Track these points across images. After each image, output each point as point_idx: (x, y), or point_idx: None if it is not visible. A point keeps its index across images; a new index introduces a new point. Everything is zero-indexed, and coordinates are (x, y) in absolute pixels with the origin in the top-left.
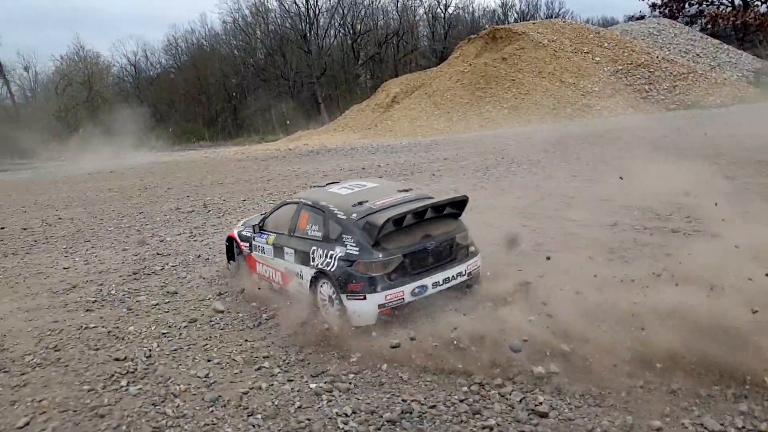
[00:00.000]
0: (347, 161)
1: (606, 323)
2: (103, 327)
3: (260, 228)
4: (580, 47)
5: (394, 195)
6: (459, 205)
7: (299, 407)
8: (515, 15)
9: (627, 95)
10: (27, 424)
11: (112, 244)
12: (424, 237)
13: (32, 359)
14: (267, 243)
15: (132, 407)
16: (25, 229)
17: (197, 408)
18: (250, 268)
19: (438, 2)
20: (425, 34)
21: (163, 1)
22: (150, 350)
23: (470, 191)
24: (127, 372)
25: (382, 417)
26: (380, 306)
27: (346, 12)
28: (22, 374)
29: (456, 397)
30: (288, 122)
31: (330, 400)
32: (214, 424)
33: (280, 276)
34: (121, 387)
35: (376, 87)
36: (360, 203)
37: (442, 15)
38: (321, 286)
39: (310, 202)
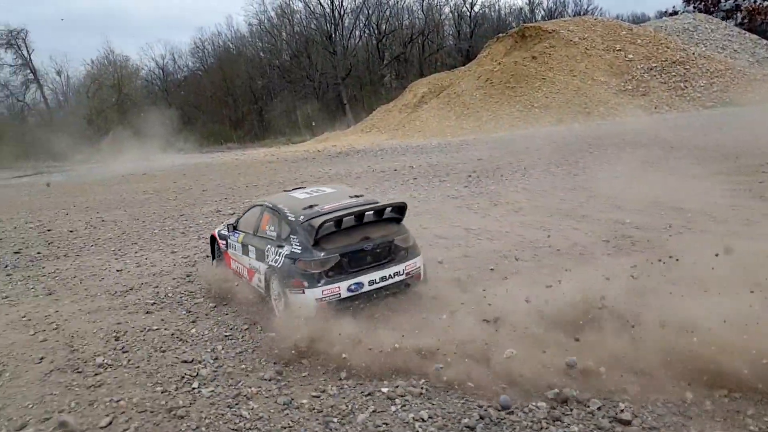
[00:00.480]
0: (377, 162)
1: (679, 331)
2: (165, 329)
3: (234, 227)
4: (612, 45)
5: (344, 200)
6: (399, 210)
7: (374, 411)
8: (542, 12)
9: (662, 93)
10: (110, 423)
11: (159, 247)
12: (362, 239)
13: (103, 360)
14: (238, 241)
15: (208, 409)
16: (71, 231)
17: (272, 411)
18: (227, 264)
19: (464, 1)
20: (451, 33)
21: (190, 4)
22: (215, 352)
23: (512, 193)
24: (197, 374)
25: (460, 423)
26: (318, 300)
27: (370, 12)
28: (96, 375)
29: (533, 403)
30: (313, 123)
31: (404, 405)
32: (290, 426)
33: (246, 271)
34: (194, 389)
35: (402, 87)
36: (310, 207)
37: (468, 13)
38: (272, 281)
39: (270, 205)
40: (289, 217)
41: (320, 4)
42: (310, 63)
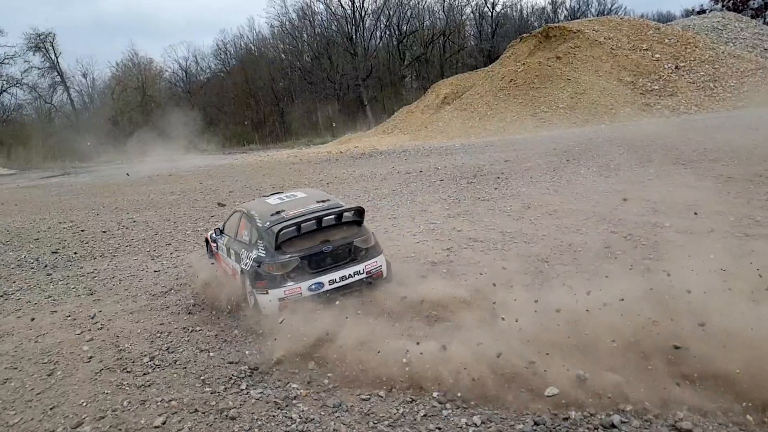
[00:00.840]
0: (402, 164)
1: (736, 338)
2: (209, 330)
3: (221, 231)
4: (639, 44)
5: (311, 205)
6: (359, 214)
7: (424, 416)
8: (565, 12)
9: (690, 93)
10: (164, 423)
11: (194, 248)
12: (322, 242)
13: (150, 360)
14: (224, 244)
15: (259, 410)
16: (104, 231)
17: (322, 413)
18: (219, 264)
19: (485, 1)
20: (472, 33)
21: (213, 6)
22: (261, 354)
23: (544, 195)
24: (245, 375)
25: (514, 428)
26: (280, 299)
27: (391, 13)
28: (144, 374)
29: (588, 410)
30: (334, 125)
31: (455, 410)
32: (341, 429)
33: (231, 271)
34: (242, 390)
35: (422, 88)
36: (277, 213)
37: (490, 14)
38: (245, 282)
39: (246, 211)
40: (258, 224)
41: (341, 5)
42: (331, 64)
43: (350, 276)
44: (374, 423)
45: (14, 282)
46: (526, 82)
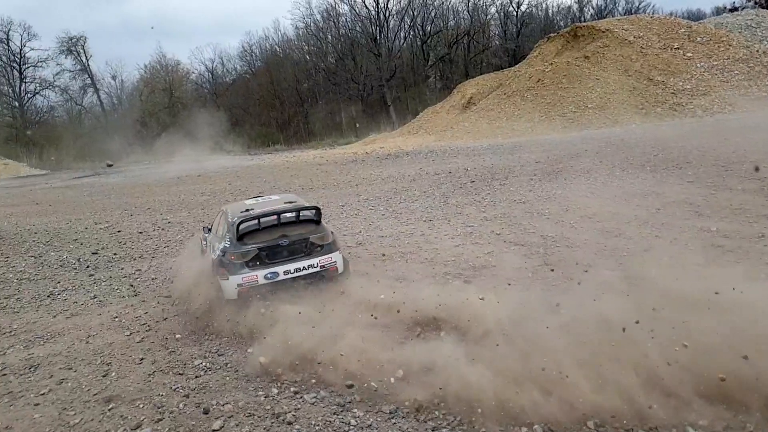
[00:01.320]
0: (429, 164)
1: None
2: (257, 333)
3: (208, 229)
4: (670, 43)
5: (278, 206)
6: (317, 213)
7: (484, 422)
8: (591, 11)
9: (723, 92)
10: (221, 427)
11: None
12: (281, 236)
13: (201, 363)
14: (209, 240)
15: (316, 415)
16: (140, 232)
17: (379, 419)
18: (206, 258)
19: (510, 0)
20: (497, 33)
21: (239, 6)
22: (311, 357)
23: (581, 198)
24: (296, 380)
25: None
26: (238, 285)
27: (416, 14)
28: (197, 377)
29: (650, 423)
30: (357, 125)
31: (510, 418)
32: None
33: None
34: (295, 394)
35: (446, 88)
36: (247, 210)
37: (515, 13)
38: (213, 269)
39: (225, 210)
40: (229, 219)
41: (365, 6)
42: (355, 65)
43: (304, 268)
44: (432, 429)
45: (59, 282)
46: (554, 82)
